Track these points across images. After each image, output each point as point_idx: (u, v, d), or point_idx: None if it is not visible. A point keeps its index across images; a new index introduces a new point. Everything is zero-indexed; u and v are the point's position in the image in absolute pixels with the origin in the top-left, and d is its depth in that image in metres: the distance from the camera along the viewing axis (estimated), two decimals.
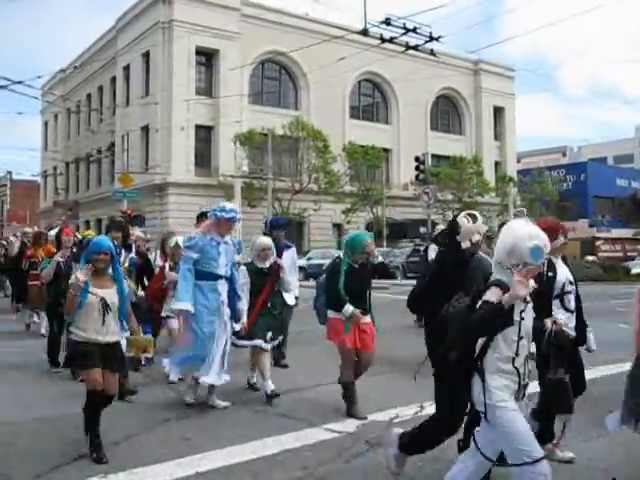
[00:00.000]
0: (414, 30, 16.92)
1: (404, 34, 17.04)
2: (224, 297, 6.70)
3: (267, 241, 7.37)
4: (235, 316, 6.83)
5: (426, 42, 17.52)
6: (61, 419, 6.27)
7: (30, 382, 8.00)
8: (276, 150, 35.92)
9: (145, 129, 39.22)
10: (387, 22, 16.61)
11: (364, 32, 17.35)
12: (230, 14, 38.02)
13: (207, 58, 39.31)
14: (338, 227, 41.58)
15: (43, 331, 11.17)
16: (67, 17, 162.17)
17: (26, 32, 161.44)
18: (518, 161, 57.19)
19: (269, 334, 7.02)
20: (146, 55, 39.55)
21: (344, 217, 39.59)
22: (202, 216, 9.03)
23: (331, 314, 6.49)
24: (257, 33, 39.09)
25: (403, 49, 18.90)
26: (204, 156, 38.83)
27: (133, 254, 8.43)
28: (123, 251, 7.70)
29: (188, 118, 36.80)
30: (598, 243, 51.70)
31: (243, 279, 7.08)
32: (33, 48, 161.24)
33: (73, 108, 48.81)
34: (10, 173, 71.17)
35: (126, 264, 7.51)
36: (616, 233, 52.90)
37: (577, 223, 51.38)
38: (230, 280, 6.80)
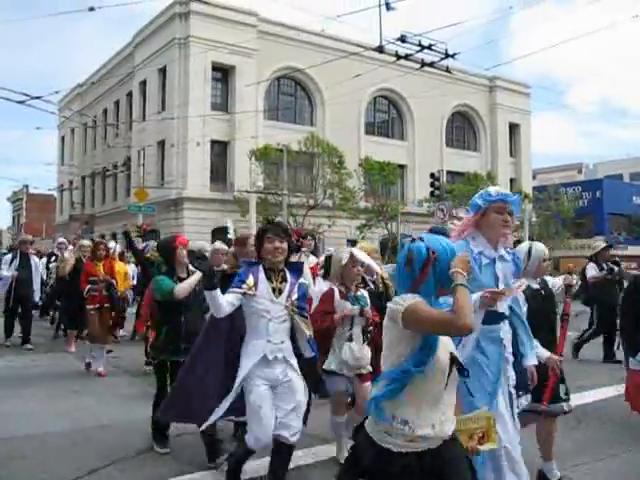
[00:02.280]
0: (429, 47, 16.95)
1: (420, 51, 17.08)
2: (509, 351, 3.99)
3: (546, 249, 5.08)
4: (524, 382, 4.25)
5: (442, 59, 17.55)
6: (73, 434, 6.29)
7: (42, 397, 8.01)
8: (291, 166, 35.99)
9: (161, 144, 39.43)
10: (403, 39, 16.65)
11: (380, 49, 17.39)
12: (246, 31, 38.27)
13: (223, 74, 39.54)
14: (353, 243, 41.52)
15: (101, 369, 9.47)
16: (85, 34, 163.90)
17: (44, 48, 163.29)
18: (533, 178, 56.99)
19: (563, 388, 4.91)
20: (163, 71, 39.84)
21: (359, 233, 39.54)
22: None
23: (634, 365, 4.47)
24: (273, 49, 39.31)
25: (419, 66, 18.95)
26: (219, 171, 38.97)
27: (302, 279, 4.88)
28: (289, 275, 4.65)
29: (204, 133, 36.98)
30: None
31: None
32: (51, 64, 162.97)
33: (90, 123, 49.25)
34: (27, 187, 71.86)
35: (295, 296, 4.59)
36: (632, 250, 52.48)
37: (592, 240, 51.09)
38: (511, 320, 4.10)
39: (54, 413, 7.13)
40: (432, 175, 31.88)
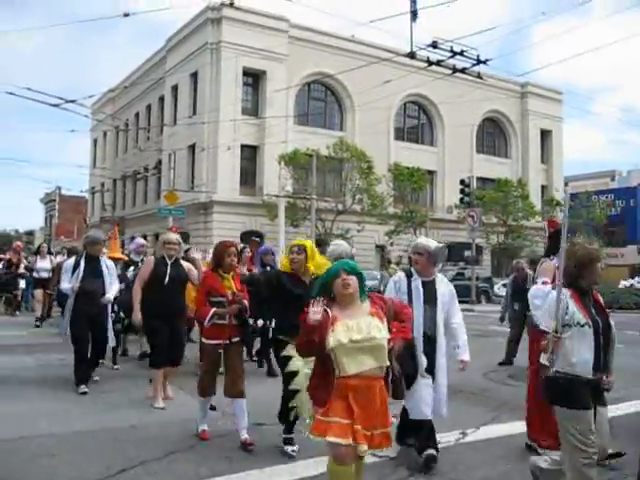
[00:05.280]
0: (461, 53, 16.88)
1: (451, 57, 17.02)
2: None
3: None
4: None
5: (473, 65, 17.46)
6: (102, 434, 6.32)
7: (71, 396, 8.06)
8: (320, 170, 36.03)
9: (192, 148, 39.71)
10: (434, 45, 16.60)
11: (411, 55, 17.34)
12: (278, 36, 38.44)
13: (254, 79, 39.74)
14: (381, 248, 41.45)
15: (245, 436, 6.02)
16: (119, 39, 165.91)
17: (79, 53, 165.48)
18: (565, 185, 56.32)
19: None
20: (194, 75, 40.16)
21: (387, 239, 39.46)
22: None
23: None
24: (304, 55, 39.43)
25: (450, 72, 18.86)
26: (249, 175, 39.15)
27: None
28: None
29: (234, 138, 37.16)
30: None
31: None
32: (86, 68, 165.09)
33: (122, 126, 49.78)
34: (59, 188, 72.88)
35: None
36: None
37: (626, 249, 50.37)
38: None
39: (82, 413, 7.17)
40: (462, 181, 31.75)
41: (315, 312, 3.97)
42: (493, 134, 50.76)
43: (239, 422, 6.12)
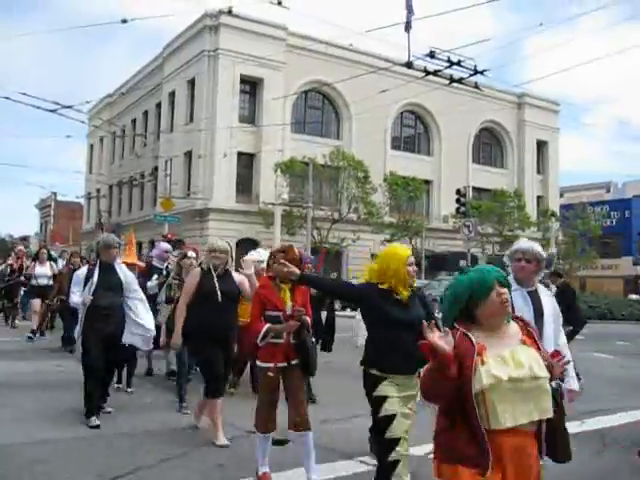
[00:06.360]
0: (458, 63, 16.90)
1: (448, 67, 17.04)
2: None
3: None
4: None
5: (470, 75, 17.49)
6: (96, 440, 6.31)
7: (65, 403, 8.04)
8: (316, 179, 36.08)
9: (188, 155, 39.73)
10: (431, 55, 16.62)
11: (408, 65, 17.38)
12: (275, 44, 38.51)
13: (251, 86, 39.80)
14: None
15: (314, 477, 5.17)
16: (117, 47, 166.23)
17: (77, 60, 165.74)
18: (561, 196, 56.59)
19: None
20: (191, 82, 40.21)
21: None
22: None
23: None
24: (301, 63, 39.52)
25: (447, 82, 18.90)
26: (245, 183, 39.16)
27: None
28: None
29: (231, 145, 37.19)
30: None
31: None
32: (83, 75, 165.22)
33: (118, 132, 49.81)
34: (55, 194, 72.67)
35: None
36: None
37: (620, 260, 50.53)
38: None
39: (77, 419, 7.15)
40: (458, 191, 31.76)
41: (447, 341, 2.71)
42: (489, 144, 50.91)
43: (307, 461, 5.16)
